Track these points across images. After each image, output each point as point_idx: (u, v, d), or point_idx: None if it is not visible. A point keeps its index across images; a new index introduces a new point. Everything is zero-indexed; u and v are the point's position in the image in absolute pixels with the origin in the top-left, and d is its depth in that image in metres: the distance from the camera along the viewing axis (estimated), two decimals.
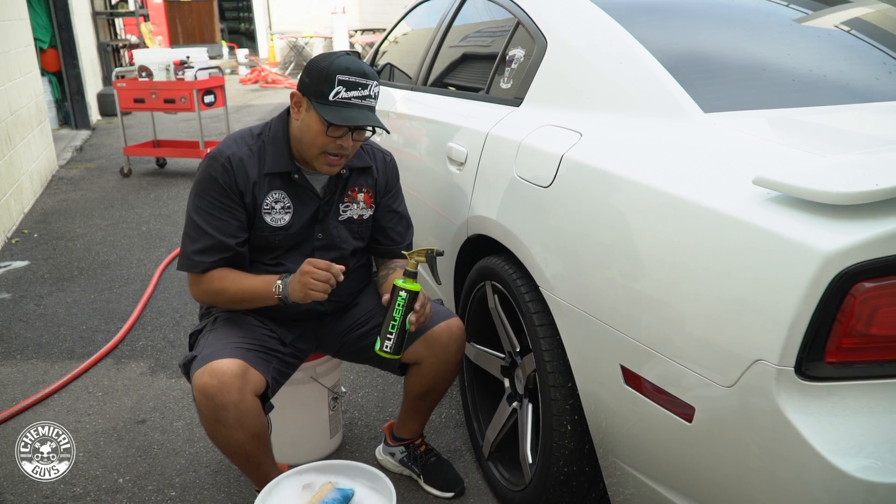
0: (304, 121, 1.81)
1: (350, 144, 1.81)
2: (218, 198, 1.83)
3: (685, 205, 1.32)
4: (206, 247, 1.83)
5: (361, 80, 1.77)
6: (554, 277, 1.67)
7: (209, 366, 1.71)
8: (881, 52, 1.90)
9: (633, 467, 1.54)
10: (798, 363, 1.13)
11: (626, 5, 2.01)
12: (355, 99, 1.77)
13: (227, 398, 1.69)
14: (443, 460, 2.19)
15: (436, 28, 2.86)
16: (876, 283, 1.09)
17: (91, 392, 2.75)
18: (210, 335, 1.86)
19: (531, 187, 1.78)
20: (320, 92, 1.76)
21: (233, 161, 1.83)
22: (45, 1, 7.88)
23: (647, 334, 1.39)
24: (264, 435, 1.82)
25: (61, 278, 3.94)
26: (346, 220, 1.98)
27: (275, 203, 1.88)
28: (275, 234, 1.89)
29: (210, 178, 1.83)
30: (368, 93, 1.79)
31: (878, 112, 1.59)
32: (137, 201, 5.52)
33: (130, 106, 6.06)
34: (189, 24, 18.69)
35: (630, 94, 1.71)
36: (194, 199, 1.86)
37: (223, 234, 1.83)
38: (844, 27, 2.05)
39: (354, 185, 1.99)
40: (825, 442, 1.11)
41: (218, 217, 1.83)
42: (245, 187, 1.84)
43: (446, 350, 1.96)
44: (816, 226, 1.12)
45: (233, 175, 1.83)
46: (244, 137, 1.90)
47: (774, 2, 2.16)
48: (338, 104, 1.76)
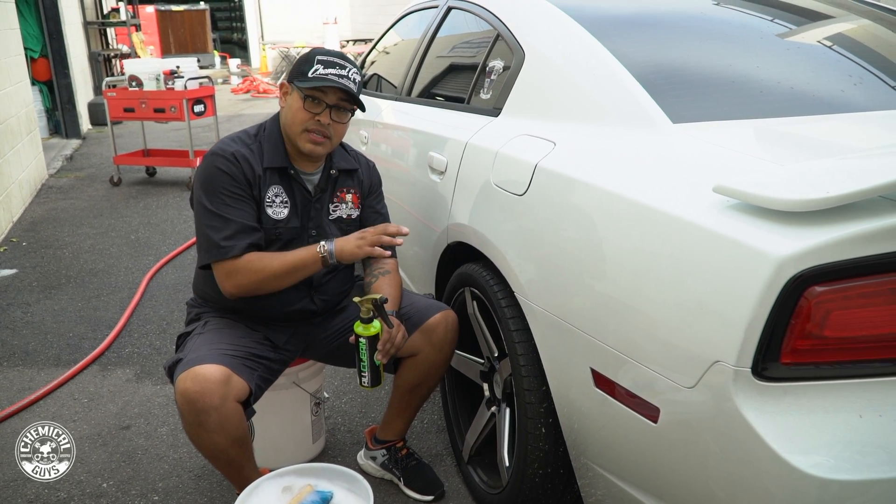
0: (288, 103, 1.93)
1: (328, 121, 1.89)
2: (231, 188, 1.87)
3: (649, 212, 1.37)
4: (233, 232, 1.85)
5: (339, 60, 1.88)
6: (528, 283, 1.71)
7: (192, 371, 1.73)
8: (850, 65, 1.95)
9: (603, 468, 1.57)
10: (755, 364, 1.17)
11: (603, 19, 2.06)
12: (332, 76, 1.86)
13: (209, 403, 1.71)
14: (423, 464, 2.22)
15: (420, 39, 2.91)
16: (828, 287, 1.14)
17: (77, 398, 2.77)
18: (198, 339, 1.88)
19: (507, 195, 1.82)
20: (301, 72, 1.87)
21: (237, 156, 1.89)
22: (36, 10, 7.92)
23: (615, 338, 1.43)
24: (246, 440, 1.84)
25: (49, 286, 3.96)
26: (336, 218, 2.05)
27: (275, 196, 1.94)
28: (276, 227, 1.94)
29: (219, 172, 1.87)
30: (346, 73, 1.88)
31: (841, 122, 1.64)
32: (126, 210, 5.54)
33: (120, 115, 6.08)
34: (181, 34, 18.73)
35: (603, 104, 1.76)
36: (206, 194, 1.87)
37: (245, 219, 1.87)
38: (817, 41, 2.11)
39: (343, 186, 2.06)
40: (781, 440, 1.15)
41: (235, 207, 1.87)
42: (252, 179, 1.90)
43: (443, 340, 2.02)
44: (771, 232, 1.16)
45: (240, 167, 1.88)
46: (241, 138, 1.96)
47: (748, 14, 2.22)
48: (316, 79, 1.85)
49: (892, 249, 1.12)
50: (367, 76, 3.57)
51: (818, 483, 1.12)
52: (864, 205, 1.15)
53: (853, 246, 1.12)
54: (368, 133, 3.04)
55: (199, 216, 1.89)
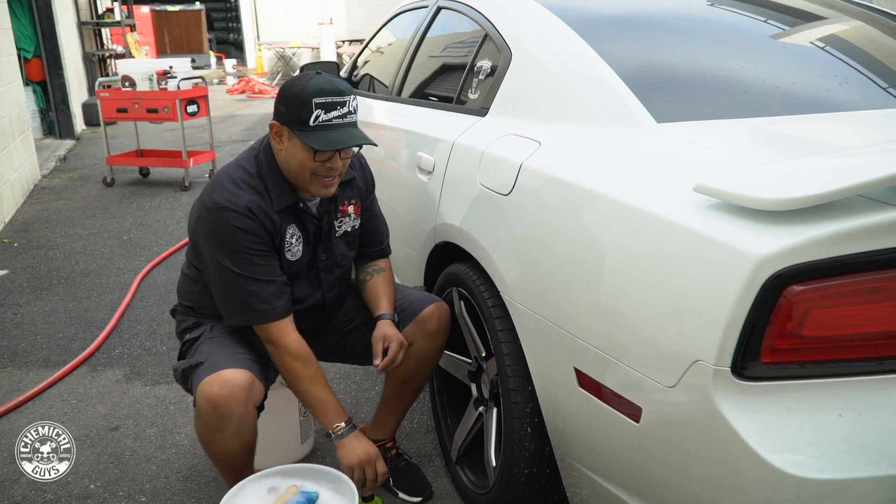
0: (289, 149, 1.77)
1: (339, 164, 1.78)
2: (255, 247, 1.76)
3: (631, 211, 1.37)
4: (270, 294, 1.78)
5: (338, 98, 1.72)
6: (513, 283, 1.71)
7: (218, 375, 1.72)
8: (836, 65, 1.96)
9: (588, 468, 1.57)
10: (734, 363, 1.17)
11: (591, 19, 2.06)
12: (336, 119, 1.72)
13: (234, 410, 1.72)
14: (412, 465, 2.22)
15: (410, 39, 2.91)
16: (807, 286, 1.14)
17: (65, 400, 2.76)
18: (211, 343, 1.87)
19: (493, 195, 1.82)
20: (299, 119, 1.71)
21: (252, 209, 1.75)
22: (30, 10, 7.90)
23: (598, 337, 1.43)
24: (254, 446, 1.86)
25: (40, 287, 3.95)
26: (342, 234, 2.00)
27: (292, 238, 1.87)
28: (292, 268, 1.90)
29: (237, 231, 1.74)
30: (348, 109, 1.74)
31: (825, 122, 1.65)
32: (119, 210, 5.53)
33: (113, 115, 6.07)
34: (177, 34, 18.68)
35: (588, 104, 1.76)
36: (227, 254, 1.75)
37: (277, 276, 1.80)
38: (803, 41, 2.11)
39: (344, 198, 1.98)
40: (760, 439, 1.15)
41: (263, 265, 1.78)
42: (273, 231, 1.80)
43: (436, 330, 2.02)
44: (751, 231, 1.16)
45: (259, 222, 1.76)
46: (245, 181, 1.80)
47: (734, 15, 2.22)
48: (320, 128, 1.71)
49: (870, 248, 1.12)
50: (358, 76, 3.57)
51: (797, 482, 1.12)
52: (843, 204, 1.15)
53: (832, 245, 1.12)
54: None
55: (226, 278, 1.78)
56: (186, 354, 1.93)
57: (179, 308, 2.08)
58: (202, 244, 1.81)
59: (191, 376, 1.81)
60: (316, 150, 1.71)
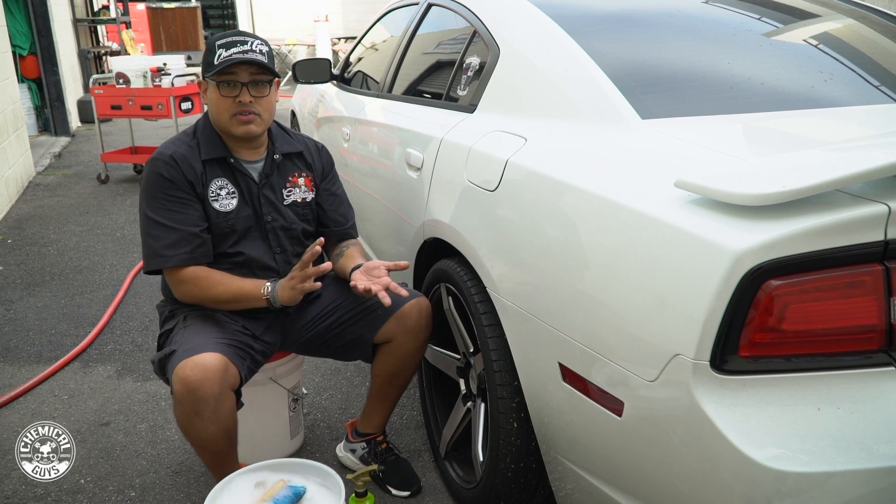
0: (209, 98, 1.93)
1: (249, 99, 1.89)
2: (171, 193, 1.89)
3: (613, 206, 1.38)
4: (173, 241, 1.88)
5: (238, 38, 1.88)
6: (499, 278, 1.72)
7: (192, 359, 1.74)
8: (821, 62, 1.96)
9: (573, 463, 1.58)
10: (713, 357, 1.18)
11: (579, 17, 2.06)
12: (237, 54, 1.86)
13: (209, 392, 1.73)
14: (402, 460, 2.23)
15: (401, 36, 2.92)
16: (785, 281, 1.15)
17: (57, 395, 2.76)
18: (185, 332, 1.89)
19: (479, 191, 1.82)
20: (208, 63, 1.89)
21: (175, 157, 1.90)
22: (25, 8, 7.88)
23: (581, 332, 1.44)
24: (234, 431, 1.86)
25: (33, 283, 3.95)
26: (291, 203, 2.07)
27: (219, 190, 1.96)
28: (226, 219, 1.96)
29: (158, 177, 1.89)
30: (249, 47, 1.87)
31: (808, 118, 1.65)
32: (113, 207, 5.52)
33: (108, 112, 6.06)
34: (172, 31, 18.61)
35: (574, 101, 1.76)
36: (147, 200, 1.91)
37: (187, 225, 1.89)
38: (789, 38, 2.12)
39: (294, 171, 2.08)
40: (738, 433, 1.16)
41: (176, 211, 1.89)
42: (194, 178, 1.91)
43: (416, 326, 2.03)
44: (729, 226, 1.17)
45: (179, 169, 1.90)
46: (180, 138, 1.99)
47: (721, 12, 2.23)
48: (222, 64, 1.86)
49: (848, 243, 1.13)
50: (351, 73, 3.57)
51: (775, 475, 1.13)
52: (822, 199, 1.16)
53: (810, 239, 1.13)
54: (350, 130, 3.04)
55: (142, 223, 1.93)
56: (164, 346, 1.95)
57: (160, 302, 2.12)
58: (139, 196, 1.97)
59: (166, 365, 1.83)
60: (217, 80, 1.87)
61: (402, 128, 2.51)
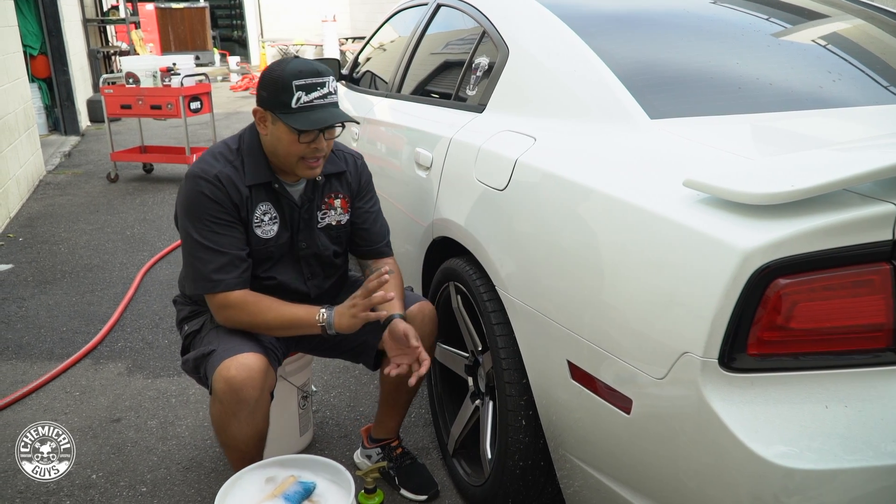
0: (274, 133, 1.81)
1: (323, 145, 1.83)
2: (216, 215, 1.81)
3: (622, 205, 1.39)
4: (221, 265, 1.81)
5: (317, 79, 1.77)
6: (508, 277, 1.73)
7: (236, 359, 1.74)
8: (830, 62, 1.97)
9: (580, 460, 1.59)
10: (721, 355, 1.19)
11: (588, 17, 2.08)
12: (317, 100, 1.77)
13: (251, 393, 1.74)
14: (418, 464, 2.22)
15: (410, 36, 2.93)
16: (793, 279, 1.15)
17: (69, 392, 2.79)
18: (218, 332, 1.88)
19: (488, 190, 1.84)
20: (281, 103, 1.76)
21: (221, 178, 1.82)
22: (36, 8, 7.94)
23: (590, 330, 1.45)
24: (264, 437, 1.88)
25: (44, 281, 3.98)
26: (325, 226, 2.01)
27: (263, 215, 1.89)
28: (266, 245, 1.91)
29: (202, 196, 1.81)
30: (327, 90, 1.79)
31: (816, 118, 1.66)
32: (123, 206, 5.56)
33: (117, 112, 6.10)
34: (181, 32, 18.73)
35: (583, 100, 1.77)
36: (191, 220, 1.82)
37: (233, 249, 1.83)
38: (798, 38, 2.12)
39: (331, 191, 2.00)
40: (746, 430, 1.17)
41: (221, 234, 1.82)
42: (239, 202, 1.84)
43: (421, 332, 1.97)
44: (738, 225, 1.18)
45: (225, 191, 1.82)
46: (223, 154, 1.88)
47: (730, 12, 2.23)
48: (302, 110, 1.76)
49: (855, 242, 1.14)
50: (360, 73, 3.59)
51: (783, 472, 1.13)
52: (830, 198, 1.16)
53: (818, 238, 1.14)
54: (359, 129, 3.05)
55: (187, 245, 1.84)
56: (192, 346, 1.95)
57: (179, 298, 2.11)
58: (178, 212, 1.89)
59: (203, 364, 1.83)
60: (300, 130, 1.76)
61: (411, 127, 2.52)
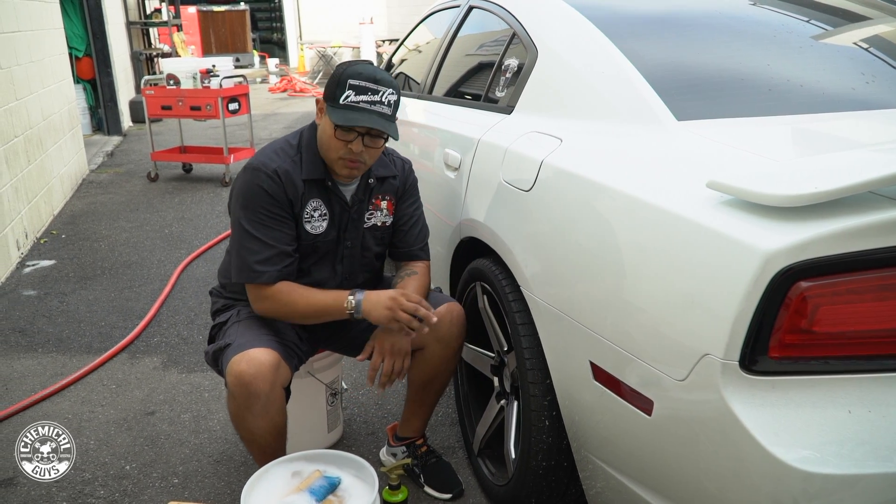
0: (322, 125, 1.87)
1: (361, 149, 1.82)
2: (270, 209, 1.85)
3: (645, 207, 1.39)
4: (267, 257, 1.85)
5: (371, 85, 1.78)
6: (533, 277, 1.74)
7: (246, 354, 1.78)
8: (863, 64, 1.94)
9: (603, 461, 1.59)
10: (742, 358, 1.18)
11: (617, 18, 2.07)
12: (364, 103, 1.78)
13: (261, 388, 1.77)
14: (443, 462, 2.24)
15: (442, 38, 2.95)
16: (816, 282, 1.15)
17: (105, 384, 2.87)
18: (238, 326, 1.93)
19: (515, 191, 1.85)
20: (333, 95, 1.80)
21: (280, 173, 1.85)
22: (81, 11, 8.16)
23: (612, 331, 1.45)
24: (284, 428, 1.90)
25: (85, 277, 4.09)
26: (371, 227, 2.03)
27: (313, 211, 1.92)
28: (313, 241, 1.94)
29: (259, 190, 1.84)
30: (380, 98, 1.78)
31: (848, 120, 1.64)
32: (162, 205, 5.69)
33: (158, 113, 6.24)
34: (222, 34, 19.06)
35: (610, 102, 1.77)
36: (244, 211, 1.86)
37: (282, 243, 1.86)
38: (830, 39, 2.09)
39: (379, 193, 2.03)
40: (767, 433, 1.16)
41: (273, 228, 1.85)
42: (294, 197, 1.87)
43: (448, 333, 2.00)
44: (760, 227, 1.18)
45: (282, 186, 1.85)
46: (284, 149, 1.91)
47: (760, 13, 2.21)
48: (347, 107, 1.78)
49: (880, 245, 1.13)
50: (393, 75, 3.62)
51: (803, 476, 1.13)
52: (854, 200, 1.15)
53: (842, 241, 1.13)
54: None
55: (237, 233, 1.88)
56: (216, 338, 2.00)
57: (216, 289, 2.15)
58: (232, 201, 1.93)
59: (220, 358, 1.88)
60: (336, 125, 1.79)
61: (441, 128, 2.54)
